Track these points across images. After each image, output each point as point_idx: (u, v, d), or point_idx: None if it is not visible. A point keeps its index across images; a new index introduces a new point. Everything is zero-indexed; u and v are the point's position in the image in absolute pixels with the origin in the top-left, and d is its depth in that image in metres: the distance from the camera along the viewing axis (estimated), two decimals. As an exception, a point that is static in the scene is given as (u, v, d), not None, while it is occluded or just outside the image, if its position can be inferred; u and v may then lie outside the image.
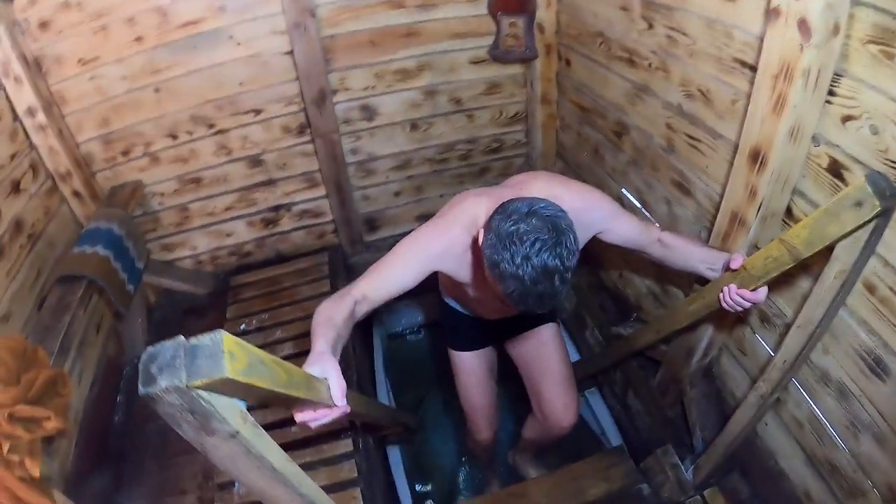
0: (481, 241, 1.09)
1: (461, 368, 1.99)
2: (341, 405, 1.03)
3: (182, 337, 0.75)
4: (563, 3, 2.43)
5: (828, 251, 1.18)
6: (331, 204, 2.89)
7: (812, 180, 1.34)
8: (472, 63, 2.68)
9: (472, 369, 1.98)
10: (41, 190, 2.22)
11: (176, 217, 2.73)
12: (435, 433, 3.00)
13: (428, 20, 2.52)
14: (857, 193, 1.05)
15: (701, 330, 1.80)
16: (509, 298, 1.05)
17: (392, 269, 1.28)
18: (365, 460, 2.14)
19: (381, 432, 2.48)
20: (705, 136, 1.70)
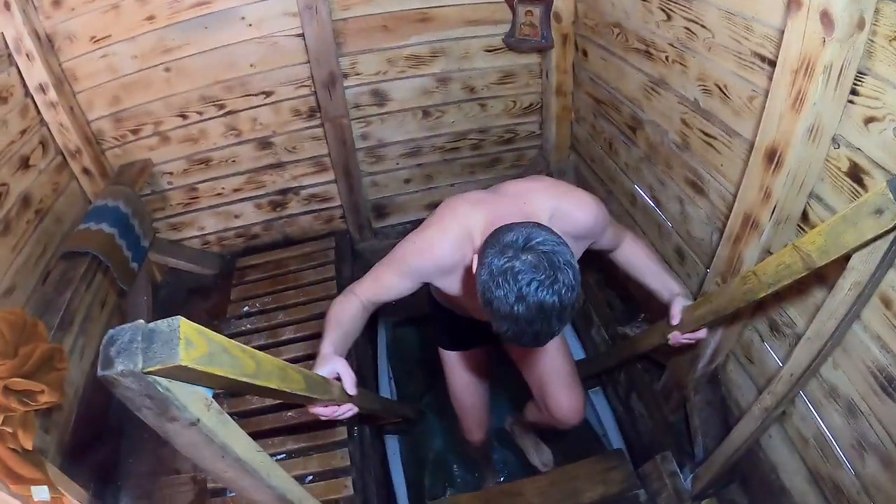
0: (474, 271, 1.03)
1: (451, 368, 1.96)
2: (354, 393, 1.20)
3: (142, 321, 0.73)
4: (581, -8, 2.35)
5: (843, 260, 1.10)
6: (339, 189, 2.87)
7: (830, 184, 1.26)
8: (487, 51, 2.62)
9: (463, 369, 1.95)
10: (50, 166, 2.24)
11: (184, 197, 2.73)
12: (435, 425, 2.97)
13: (442, 6, 2.46)
14: (877, 200, 0.97)
15: (708, 335, 1.72)
16: (503, 337, 0.99)
17: (388, 278, 1.34)
18: (359, 449, 2.13)
19: (379, 422, 2.46)
20: (721, 133, 1.63)
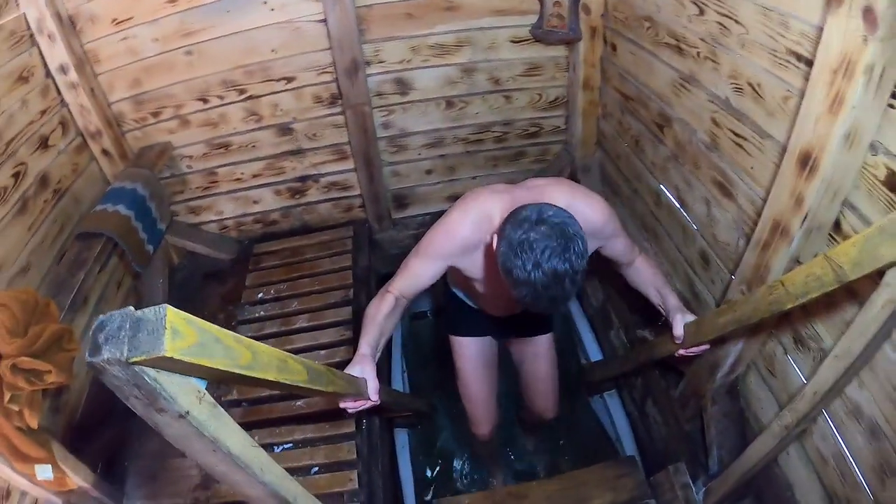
0: (495, 247, 1.17)
1: (461, 354, 1.99)
2: (375, 400, 1.37)
3: (132, 307, 0.70)
4: (611, -16, 2.27)
5: (877, 275, 1.04)
6: (359, 178, 2.84)
7: (866, 193, 1.19)
8: (513, 42, 2.56)
9: (471, 356, 1.99)
10: (70, 147, 2.26)
11: (203, 181, 2.74)
12: (446, 419, 2.95)
13: (469, -6, 2.40)
14: (918, 213, 0.91)
15: (729, 344, 1.68)
16: (523, 302, 1.11)
17: (417, 266, 1.45)
18: (367, 442, 2.10)
19: (390, 413, 2.44)
20: (752, 134, 1.55)
